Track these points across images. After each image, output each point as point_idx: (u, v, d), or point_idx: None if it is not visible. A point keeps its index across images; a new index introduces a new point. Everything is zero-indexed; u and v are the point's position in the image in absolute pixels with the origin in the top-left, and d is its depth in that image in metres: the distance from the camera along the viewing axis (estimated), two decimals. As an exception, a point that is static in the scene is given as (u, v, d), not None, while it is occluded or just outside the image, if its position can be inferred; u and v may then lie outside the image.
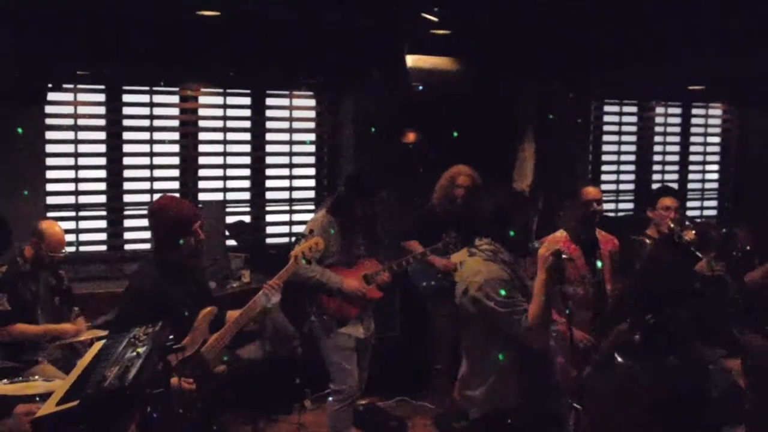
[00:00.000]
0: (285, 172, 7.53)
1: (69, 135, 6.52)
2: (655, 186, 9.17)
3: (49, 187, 6.47)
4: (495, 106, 6.99)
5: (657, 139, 9.29)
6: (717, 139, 9.73)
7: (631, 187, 9.18)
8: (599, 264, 5.05)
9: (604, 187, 8.73)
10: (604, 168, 8.95)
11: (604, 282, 5.08)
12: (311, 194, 7.68)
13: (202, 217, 4.24)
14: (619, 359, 4.82)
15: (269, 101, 7.41)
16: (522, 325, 3.63)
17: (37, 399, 3.78)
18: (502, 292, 3.67)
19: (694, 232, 5.00)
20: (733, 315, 5.40)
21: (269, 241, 7.46)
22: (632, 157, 9.15)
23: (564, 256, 3.70)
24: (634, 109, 9.08)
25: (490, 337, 3.77)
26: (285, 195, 7.55)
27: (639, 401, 4.80)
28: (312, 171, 7.69)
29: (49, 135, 6.43)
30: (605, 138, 8.93)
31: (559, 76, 7.06)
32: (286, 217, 7.56)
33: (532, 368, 3.74)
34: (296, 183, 7.59)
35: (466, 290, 3.77)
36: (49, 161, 6.47)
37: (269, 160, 7.48)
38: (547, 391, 3.82)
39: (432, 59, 6.79)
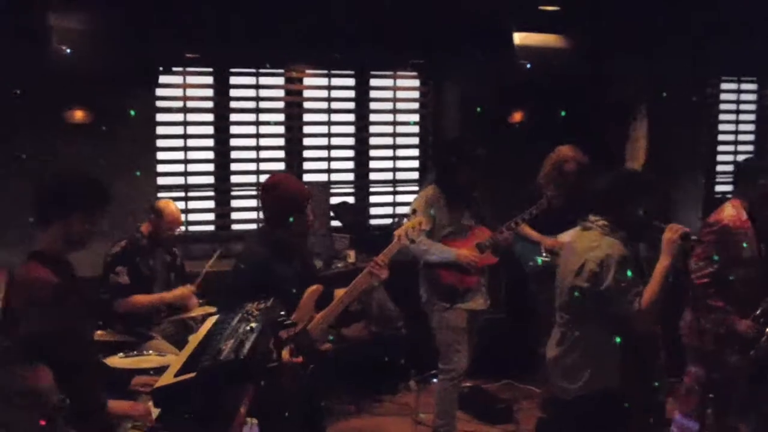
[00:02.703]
0: (389, 153, 7.49)
1: (178, 117, 6.66)
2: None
3: (160, 167, 6.62)
4: (605, 84, 6.76)
5: (778, 118, 8.81)
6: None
7: (749, 168, 8.72)
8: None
9: (719, 168, 8.38)
10: (721, 148, 8.53)
11: None
12: (415, 175, 7.62)
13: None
14: None
15: (373, 82, 7.38)
16: (634, 307, 3.51)
17: (151, 372, 3.88)
18: (629, 273, 3.53)
19: None
20: None
21: (373, 222, 7.45)
22: (750, 137, 8.70)
23: (693, 237, 3.54)
24: (753, 86, 8.63)
25: (596, 318, 3.64)
26: (389, 176, 7.52)
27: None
28: (416, 152, 7.63)
29: (160, 117, 6.58)
30: (722, 117, 8.51)
31: (673, 53, 6.76)
32: (389, 199, 7.53)
33: (636, 352, 3.63)
34: (400, 164, 7.54)
35: (582, 266, 3.61)
36: (160, 143, 6.62)
37: (373, 141, 7.46)
38: (648, 377, 3.72)
39: (540, 36, 6.60)
